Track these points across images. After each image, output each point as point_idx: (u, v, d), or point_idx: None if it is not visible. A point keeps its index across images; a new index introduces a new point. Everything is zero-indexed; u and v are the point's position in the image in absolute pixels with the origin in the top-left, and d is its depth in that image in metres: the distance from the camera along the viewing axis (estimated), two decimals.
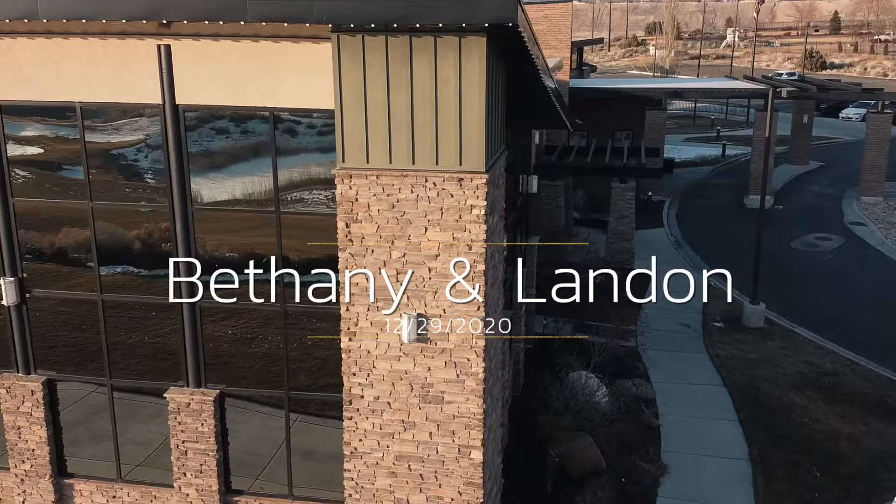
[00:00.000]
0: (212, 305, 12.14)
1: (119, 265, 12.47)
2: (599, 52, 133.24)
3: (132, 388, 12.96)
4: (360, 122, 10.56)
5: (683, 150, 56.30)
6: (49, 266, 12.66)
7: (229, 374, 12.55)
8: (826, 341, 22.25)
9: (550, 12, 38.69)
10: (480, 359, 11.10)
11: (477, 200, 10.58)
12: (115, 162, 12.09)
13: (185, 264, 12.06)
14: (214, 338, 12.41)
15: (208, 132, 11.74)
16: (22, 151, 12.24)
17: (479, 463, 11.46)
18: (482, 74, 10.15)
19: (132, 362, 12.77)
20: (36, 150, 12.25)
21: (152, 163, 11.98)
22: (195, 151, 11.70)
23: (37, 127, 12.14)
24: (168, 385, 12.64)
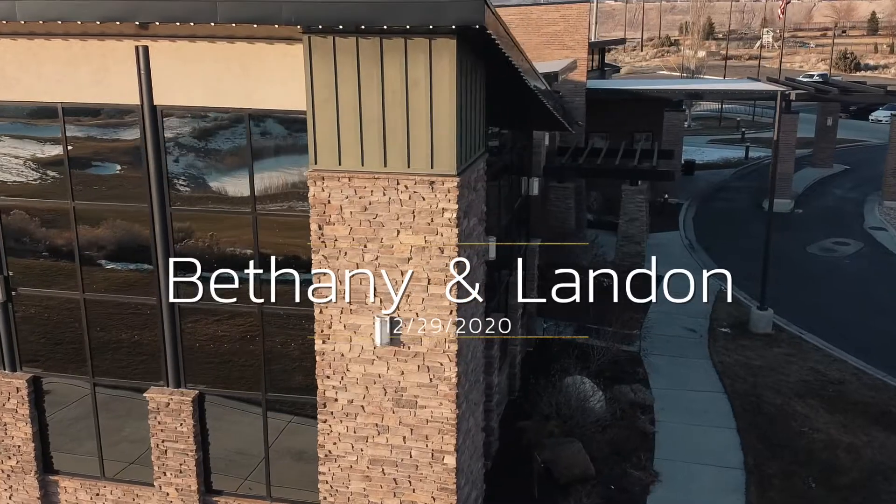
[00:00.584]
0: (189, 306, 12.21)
1: (133, 263, 12.49)
2: (631, 52, 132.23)
3: (118, 386, 13.04)
4: (332, 123, 10.52)
5: (707, 151, 55.63)
6: (63, 264, 12.75)
7: (210, 374, 12.58)
8: (835, 349, 21.79)
9: (567, 12, 38.45)
10: (454, 363, 10.99)
11: (449, 204, 10.48)
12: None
13: (163, 264, 12.12)
14: (195, 338, 12.46)
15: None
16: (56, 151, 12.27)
17: (452, 468, 11.36)
18: (453, 76, 10.05)
19: (125, 360, 12.85)
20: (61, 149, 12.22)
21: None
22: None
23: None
24: (149, 384, 12.72)
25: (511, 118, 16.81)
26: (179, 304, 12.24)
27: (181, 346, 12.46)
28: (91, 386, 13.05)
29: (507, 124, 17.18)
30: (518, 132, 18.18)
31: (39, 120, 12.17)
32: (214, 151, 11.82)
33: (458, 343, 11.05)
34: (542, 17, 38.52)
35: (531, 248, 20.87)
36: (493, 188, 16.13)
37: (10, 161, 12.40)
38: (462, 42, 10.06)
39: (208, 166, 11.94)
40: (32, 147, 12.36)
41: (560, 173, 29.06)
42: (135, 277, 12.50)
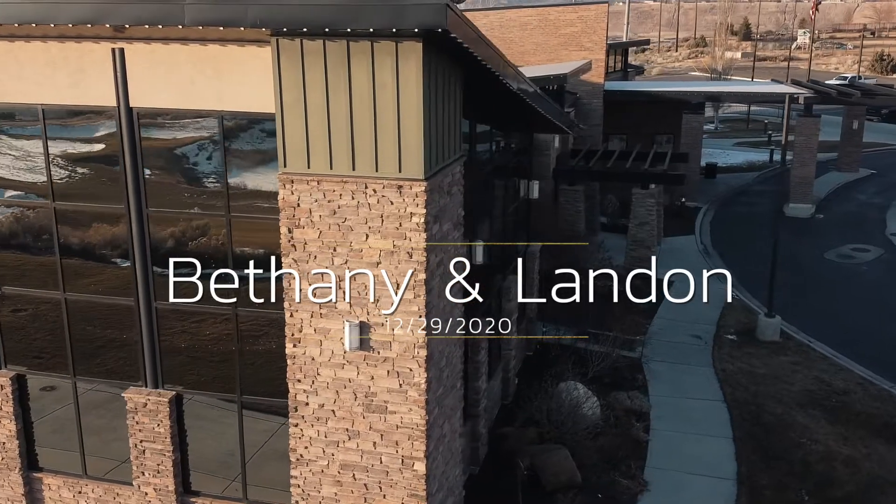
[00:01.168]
0: (166, 307, 12.26)
1: (111, 263, 12.49)
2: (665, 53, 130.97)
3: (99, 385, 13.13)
4: (301, 126, 10.47)
5: (732, 154, 54.91)
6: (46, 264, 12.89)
7: (188, 375, 12.60)
8: (843, 357, 21.32)
9: (585, 13, 38.18)
10: (423, 369, 10.88)
11: (417, 208, 10.37)
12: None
13: (141, 265, 12.17)
14: (173, 339, 12.49)
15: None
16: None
17: (422, 475, 11.25)
18: (419, 80, 9.95)
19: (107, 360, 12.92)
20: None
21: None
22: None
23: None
24: (129, 384, 12.79)
25: (502, 121, 16.65)
26: (157, 305, 12.30)
27: (158, 346, 12.50)
28: (73, 385, 13.15)
29: (499, 127, 17.04)
30: (513, 135, 17.98)
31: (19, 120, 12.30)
32: (190, 153, 11.84)
33: (429, 348, 10.95)
34: (560, 18, 38.30)
35: (531, 251, 20.68)
36: (484, 191, 16.05)
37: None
38: (429, 45, 9.96)
39: (184, 168, 11.97)
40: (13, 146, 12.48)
41: (570, 176, 28.81)
42: (114, 278, 12.56)
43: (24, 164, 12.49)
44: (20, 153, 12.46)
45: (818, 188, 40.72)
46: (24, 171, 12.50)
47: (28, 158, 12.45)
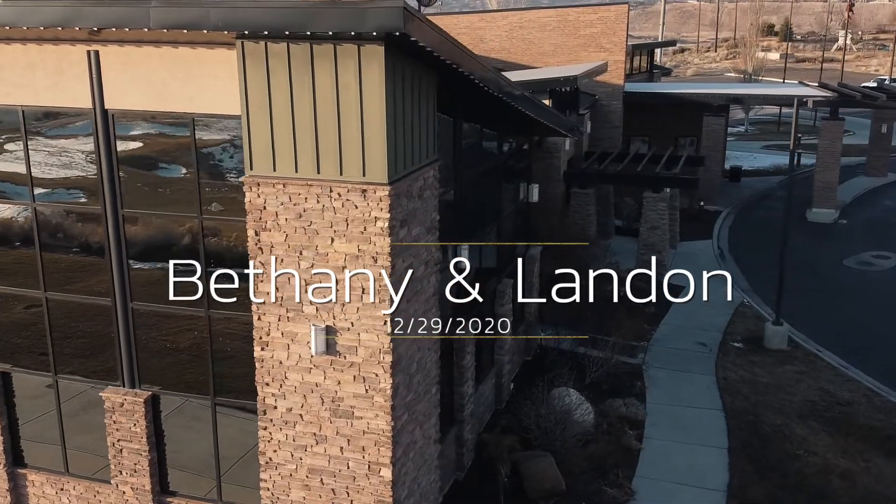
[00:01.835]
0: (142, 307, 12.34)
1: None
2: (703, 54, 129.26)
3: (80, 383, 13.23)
4: (266, 129, 10.45)
5: (759, 157, 54.01)
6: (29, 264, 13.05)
7: (164, 376, 12.66)
8: (850, 368, 20.79)
9: (605, 14, 37.76)
10: (388, 374, 10.79)
11: (381, 213, 10.29)
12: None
13: (117, 266, 12.25)
14: (149, 339, 12.56)
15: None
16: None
17: (388, 481, 11.16)
18: (382, 84, 9.86)
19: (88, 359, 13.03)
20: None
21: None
22: None
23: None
24: (107, 384, 12.88)
25: (491, 124, 16.48)
26: (132, 306, 12.38)
27: (135, 347, 12.57)
28: (55, 382, 13.29)
29: (492, 130, 16.88)
30: (506, 138, 17.78)
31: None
32: (163, 155, 11.88)
33: (396, 354, 10.86)
34: (580, 19, 37.93)
35: (530, 254, 20.47)
36: (473, 194, 15.91)
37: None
38: (392, 49, 9.86)
39: (159, 169, 12.01)
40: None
41: (582, 179, 28.50)
42: (91, 277, 12.66)
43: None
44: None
45: (844, 193, 39.88)
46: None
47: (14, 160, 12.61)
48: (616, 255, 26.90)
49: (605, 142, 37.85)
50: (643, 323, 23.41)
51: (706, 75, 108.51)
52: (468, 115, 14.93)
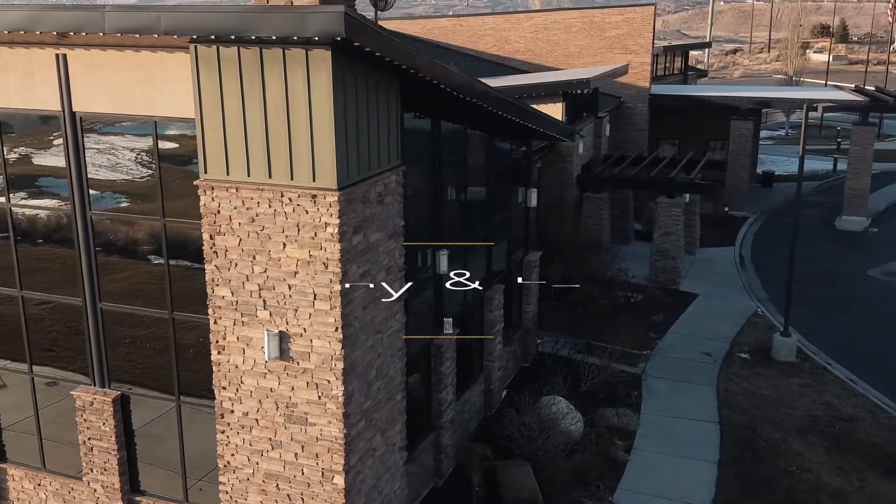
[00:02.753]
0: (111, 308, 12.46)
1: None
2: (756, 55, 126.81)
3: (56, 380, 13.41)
4: (220, 133, 10.46)
5: (795, 162, 52.68)
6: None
7: (133, 376, 12.76)
8: (859, 382, 20.11)
9: (631, 16, 37.28)
10: (340, 381, 10.71)
11: (331, 218, 10.21)
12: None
13: (87, 266, 12.38)
14: (119, 340, 12.67)
15: None
16: None
17: (341, 489, 11.08)
18: (329, 89, 9.79)
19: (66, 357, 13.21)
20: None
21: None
22: None
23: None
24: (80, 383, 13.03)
25: (477, 127, 16.26)
26: (101, 306, 12.51)
27: (104, 347, 12.69)
28: (31, 379, 13.48)
29: (484, 133, 16.68)
30: (498, 142, 17.52)
31: None
32: (128, 158, 11.96)
33: (349, 361, 10.78)
34: (605, 20, 37.48)
35: (529, 260, 20.22)
36: (456, 199, 15.76)
37: None
38: (341, 54, 9.78)
39: (124, 172, 12.09)
40: None
41: (595, 183, 28.09)
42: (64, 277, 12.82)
43: None
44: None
45: (877, 200, 38.74)
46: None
47: None
48: (625, 262, 26.52)
49: (630, 144, 37.35)
50: (649, 331, 23.01)
51: (753, 77, 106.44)
52: (449, 117, 14.76)
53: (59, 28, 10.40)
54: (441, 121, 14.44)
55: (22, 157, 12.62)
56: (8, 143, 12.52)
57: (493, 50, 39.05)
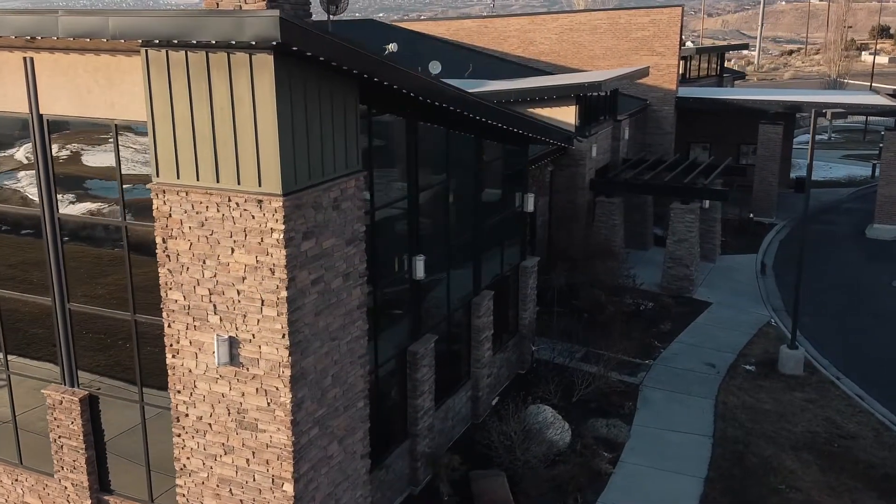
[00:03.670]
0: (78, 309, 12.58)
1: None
2: (811, 56, 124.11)
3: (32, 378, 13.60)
4: (170, 137, 10.45)
5: (834, 168, 51.47)
6: None
7: (101, 376, 12.86)
8: (867, 398, 19.41)
9: (658, 17, 36.67)
10: (288, 388, 10.62)
11: (276, 224, 10.13)
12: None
13: (55, 267, 12.51)
14: (87, 340, 12.79)
15: None
16: None
17: (291, 496, 10.99)
18: (273, 94, 9.70)
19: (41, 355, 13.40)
20: None
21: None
22: None
23: None
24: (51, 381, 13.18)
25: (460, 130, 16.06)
26: (70, 307, 12.63)
27: (73, 346, 12.82)
28: (7, 376, 13.69)
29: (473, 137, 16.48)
30: (487, 146, 17.25)
31: None
32: (92, 160, 12.05)
33: (299, 368, 10.69)
34: (631, 21, 36.92)
35: (526, 265, 19.93)
36: (434, 204, 15.59)
37: None
38: (288, 58, 9.69)
39: (88, 175, 12.19)
40: None
41: (609, 187, 27.64)
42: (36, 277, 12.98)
43: None
44: None
45: None
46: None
47: None
48: (639, 268, 26.01)
49: (656, 148, 36.76)
50: (654, 340, 22.55)
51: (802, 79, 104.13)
52: (431, 121, 14.59)
53: (19, 32, 10.49)
54: (417, 120, 14.26)
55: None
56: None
57: (518, 51, 38.76)
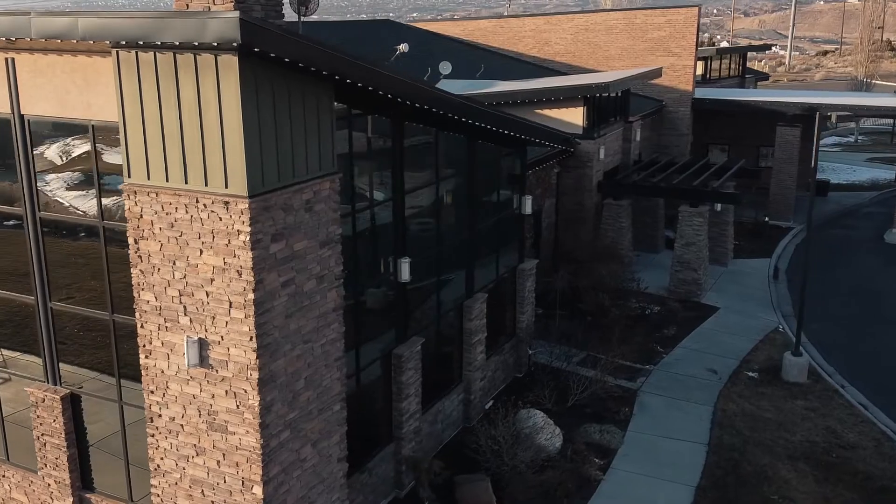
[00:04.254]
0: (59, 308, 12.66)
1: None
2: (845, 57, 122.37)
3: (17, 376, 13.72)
4: (140, 137, 10.47)
5: (858, 170, 50.50)
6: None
7: (83, 376, 12.94)
8: (871, 407, 18.95)
9: (674, 17, 36.25)
10: (256, 391, 10.59)
11: (243, 226, 10.10)
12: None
13: (37, 266, 12.60)
14: (69, 339, 12.87)
15: None
16: None
17: (260, 499, 10.96)
18: (238, 95, 9.66)
19: None
20: None
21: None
22: None
23: None
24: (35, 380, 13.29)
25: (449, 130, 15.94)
26: (51, 306, 12.73)
27: (55, 345, 12.91)
28: None
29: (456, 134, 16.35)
30: (478, 148, 17.09)
31: None
32: (69, 161, 12.12)
33: (267, 370, 10.65)
34: (647, 22, 36.54)
35: (523, 268, 19.76)
36: (420, 206, 15.49)
37: None
38: (253, 59, 9.65)
39: (66, 175, 12.26)
40: None
41: (615, 190, 27.33)
42: None
43: None
44: None
45: None
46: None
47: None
48: (646, 271, 25.67)
49: (671, 149, 36.34)
50: (657, 345, 22.26)
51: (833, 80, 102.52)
52: (413, 120, 14.48)
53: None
54: (403, 124, 14.17)
55: None
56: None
57: (534, 52, 38.53)
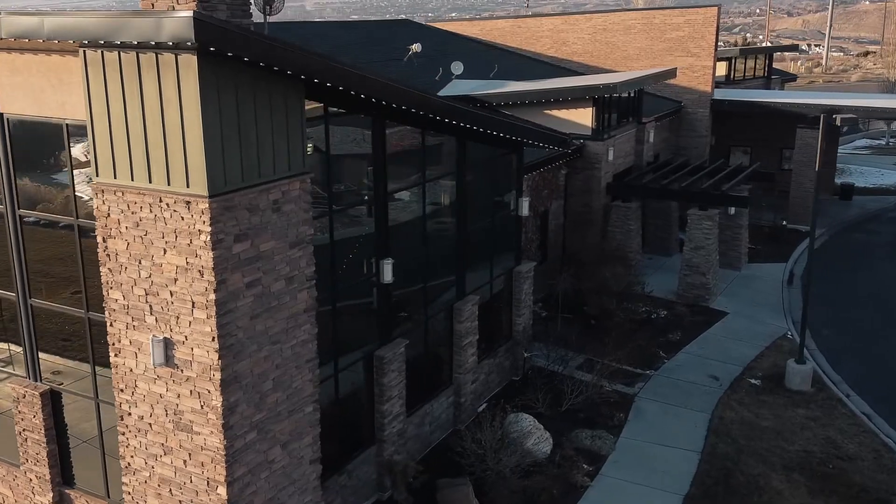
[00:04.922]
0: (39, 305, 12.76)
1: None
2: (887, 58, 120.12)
3: None
4: (107, 136, 10.52)
5: (886, 174, 49.39)
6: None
7: (63, 372, 13.03)
8: (875, 417, 18.46)
9: (693, 17, 35.77)
10: (219, 392, 10.57)
11: (204, 226, 10.08)
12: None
13: (18, 263, 12.72)
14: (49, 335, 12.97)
15: None
16: None
17: (224, 499, 10.94)
18: (197, 94, 9.65)
19: None
20: None
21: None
22: None
23: None
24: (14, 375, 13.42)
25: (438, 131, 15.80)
26: (31, 303, 12.84)
27: (35, 341, 13.02)
28: None
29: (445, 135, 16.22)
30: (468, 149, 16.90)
31: None
32: (49, 160, 12.21)
33: (231, 371, 10.63)
34: (666, 22, 36.09)
35: (519, 270, 19.55)
36: (406, 207, 15.38)
37: None
38: (215, 59, 9.62)
39: (45, 175, 12.35)
40: None
41: (624, 192, 26.98)
42: None
43: None
44: None
45: None
46: None
47: None
48: (654, 275, 25.27)
49: (689, 151, 35.86)
50: (659, 350, 21.91)
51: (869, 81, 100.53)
52: (395, 120, 14.36)
53: None
54: (385, 124, 14.07)
55: None
56: None
57: (551, 52, 38.24)
